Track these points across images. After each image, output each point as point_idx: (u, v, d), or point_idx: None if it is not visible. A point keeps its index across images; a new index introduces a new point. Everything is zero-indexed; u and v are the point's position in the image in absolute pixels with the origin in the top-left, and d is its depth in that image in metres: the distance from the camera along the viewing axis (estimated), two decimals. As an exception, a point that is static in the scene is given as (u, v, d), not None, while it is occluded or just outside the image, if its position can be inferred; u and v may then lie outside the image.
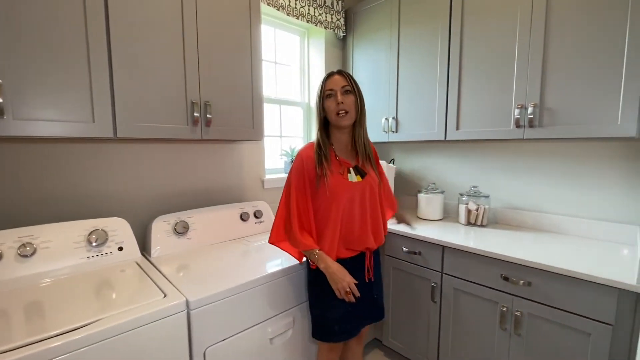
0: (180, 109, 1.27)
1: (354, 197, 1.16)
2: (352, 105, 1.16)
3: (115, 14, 1.09)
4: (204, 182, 1.69)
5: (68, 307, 0.90)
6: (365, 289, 1.23)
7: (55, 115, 1.00)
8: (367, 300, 1.24)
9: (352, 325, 1.22)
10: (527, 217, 1.72)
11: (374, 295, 1.27)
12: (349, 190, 1.15)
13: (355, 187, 1.16)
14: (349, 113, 1.15)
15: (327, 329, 1.20)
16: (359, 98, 1.18)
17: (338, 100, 1.13)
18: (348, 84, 1.15)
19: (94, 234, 1.20)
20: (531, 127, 1.43)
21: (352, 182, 1.16)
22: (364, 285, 1.22)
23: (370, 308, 1.27)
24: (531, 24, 1.40)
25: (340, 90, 1.15)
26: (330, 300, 1.17)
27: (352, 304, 1.18)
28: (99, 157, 1.36)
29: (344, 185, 1.14)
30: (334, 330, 1.19)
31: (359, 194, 1.17)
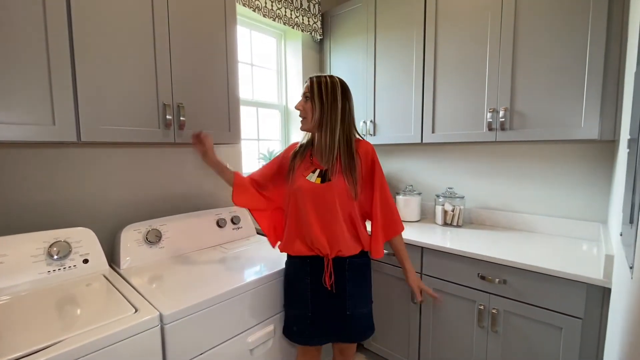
0: (152, 111, 1.21)
1: (305, 196, 1.15)
2: (309, 111, 1.16)
3: (79, 2, 1.01)
4: (178, 188, 1.61)
5: (27, 327, 0.82)
6: (331, 299, 1.17)
7: (9, 117, 0.92)
8: (335, 313, 1.17)
9: (313, 331, 1.18)
10: (500, 216, 1.78)
11: (346, 310, 1.17)
12: (301, 188, 1.16)
13: (309, 187, 1.15)
14: (305, 119, 1.17)
15: (287, 326, 1.24)
16: (317, 105, 1.13)
17: (295, 105, 1.19)
18: (308, 90, 1.16)
19: (55, 246, 1.11)
20: (502, 130, 1.48)
21: (308, 181, 1.16)
22: (328, 294, 1.17)
23: (340, 324, 1.18)
24: (501, 30, 1.46)
25: (302, 96, 1.18)
26: (290, 298, 1.23)
27: (314, 310, 1.17)
28: (61, 163, 1.26)
29: (300, 183, 1.17)
30: (292, 329, 1.21)
31: (311, 196, 1.14)
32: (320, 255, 1.17)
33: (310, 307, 1.18)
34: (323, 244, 1.15)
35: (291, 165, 1.21)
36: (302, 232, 1.18)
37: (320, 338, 1.20)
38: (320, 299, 1.18)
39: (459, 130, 1.64)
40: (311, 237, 1.16)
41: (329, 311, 1.18)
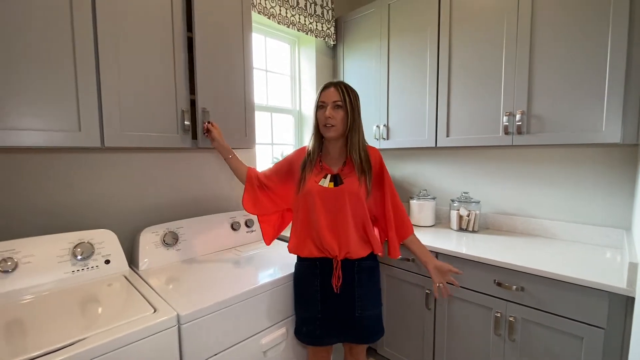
0: (171, 117, 1.25)
1: (316, 200, 1.17)
2: (340, 120, 1.17)
3: (104, 15, 1.06)
4: (194, 192, 1.65)
5: (51, 325, 0.86)
6: (340, 301, 1.19)
7: (39, 125, 0.97)
8: (344, 315, 1.19)
9: (322, 332, 1.20)
10: (517, 222, 1.75)
11: (355, 312, 1.19)
12: (313, 193, 1.18)
13: (322, 191, 1.18)
14: (335, 127, 1.17)
15: (297, 325, 1.25)
16: (349, 113, 1.17)
17: (326, 114, 1.16)
18: (340, 99, 1.16)
19: (79, 247, 1.16)
20: (519, 134, 1.46)
21: (321, 186, 1.19)
22: (337, 295, 1.19)
23: (349, 325, 1.20)
24: (517, 32, 1.44)
25: (332, 104, 1.16)
26: (302, 298, 1.23)
27: (324, 311, 1.19)
28: (85, 167, 1.32)
29: (313, 188, 1.18)
30: (302, 330, 1.23)
31: (322, 199, 1.17)
32: (329, 257, 1.19)
33: (320, 308, 1.20)
34: (332, 246, 1.17)
35: (302, 175, 1.22)
36: (312, 234, 1.20)
37: (329, 339, 1.21)
38: (329, 300, 1.19)
39: (474, 134, 1.62)
40: (321, 238, 1.17)
41: (338, 313, 1.19)
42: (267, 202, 1.32)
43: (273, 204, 1.32)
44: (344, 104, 1.17)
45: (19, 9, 0.92)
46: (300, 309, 1.24)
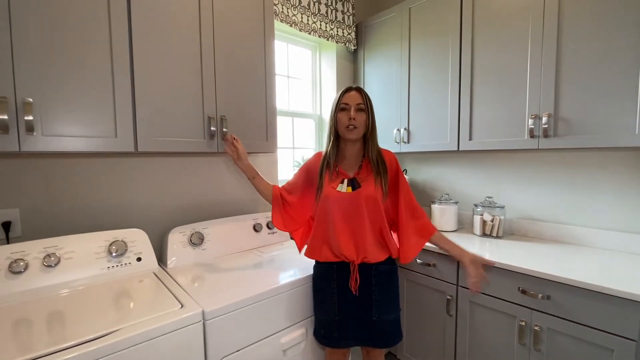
0: (198, 123, 1.32)
1: (334, 206, 1.19)
2: (363, 122, 1.20)
3: (139, 32, 1.15)
4: (218, 194, 1.72)
5: (88, 316, 0.93)
6: (357, 304, 1.21)
7: (81, 131, 1.06)
8: (362, 318, 1.21)
9: (339, 334, 1.21)
10: (545, 228, 1.68)
11: (372, 316, 1.20)
12: (331, 199, 1.19)
13: (340, 197, 1.19)
14: (358, 129, 1.19)
15: (316, 327, 1.28)
16: (370, 117, 1.22)
17: (351, 115, 1.18)
18: (363, 102, 1.20)
19: (114, 244, 1.24)
20: (546, 137, 1.41)
21: (339, 192, 1.20)
22: (354, 299, 1.20)
23: (367, 328, 1.21)
24: (543, 33, 1.40)
25: (355, 106, 1.19)
26: (320, 301, 1.25)
27: (341, 314, 1.21)
28: (120, 171, 1.41)
29: (330, 195, 1.20)
30: (320, 332, 1.25)
31: (340, 205, 1.19)
32: (346, 261, 1.21)
33: (337, 311, 1.21)
34: (350, 251, 1.19)
35: (320, 182, 1.24)
36: (328, 239, 1.22)
37: (346, 341, 1.22)
38: (346, 304, 1.21)
39: (497, 137, 1.58)
40: (338, 243, 1.19)
41: (356, 316, 1.21)
42: (295, 217, 1.32)
43: (300, 217, 1.33)
44: (366, 108, 1.20)
45: (66, 32, 1.02)
46: (319, 311, 1.26)
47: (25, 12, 0.95)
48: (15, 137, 0.95)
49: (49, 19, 0.99)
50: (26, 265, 1.07)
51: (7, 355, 0.75)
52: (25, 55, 0.96)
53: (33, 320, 0.91)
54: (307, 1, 1.91)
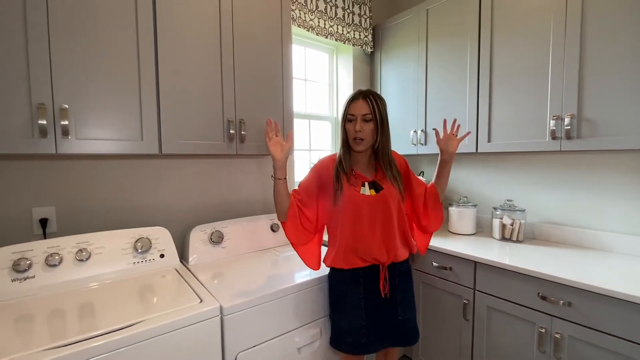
0: (218, 127, 1.37)
1: (362, 209, 1.18)
2: (370, 133, 1.18)
3: (163, 44, 1.22)
4: (238, 195, 1.78)
5: (115, 308, 1.00)
6: (383, 306, 1.21)
7: (110, 135, 1.13)
8: (388, 320, 1.21)
9: (367, 340, 1.18)
10: (568, 232, 1.63)
11: (398, 316, 1.21)
12: (358, 202, 1.18)
13: (366, 200, 1.19)
14: (365, 140, 1.18)
15: (340, 337, 1.22)
16: (379, 125, 1.18)
17: (356, 128, 1.16)
18: (370, 111, 1.16)
19: (139, 241, 1.32)
20: (568, 138, 1.37)
21: (363, 194, 1.19)
22: (380, 301, 1.21)
23: (392, 329, 1.22)
24: (565, 31, 1.37)
25: (361, 117, 1.17)
26: (344, 309, 1.21)
27: (368, 319, 1.19)
28: (145, 172, 1.49)
29: (354, 198, 1.18)
30: (347, 340, 1.20)
31: (369, 207, 1.18)
32: (375, 264, 1.21)
33: (364, 316, 1.19)
34: (382, 253, 1.19)
35: (338, 185, 1.20)
36: (356, 245, 1.19)
37: (374, 346, 1.21)
38: (373, 307, 1.20)
39: (517, 139, 1.55)
40: (369, 247, 1.19)
41: (382, 318, 1.21)
42: (309, 228, 1.24)
43: (311, 226, 1.25)
44: (373, 117, 1.16)
45: (98, 47, 1.10)
46: (342, 319, 1.21)
47: (62, 30, 1.04)
48: (52, 141, 1.03)
49: (84, 36, 1.07)
50: (61, 259, 1.16)
51: (43, 341, 0.82)
52: (62, 66, 1.04)
53: (66, 310, 0.98)
54: (324, 6, 1.94)
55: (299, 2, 1.82)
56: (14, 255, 1.10)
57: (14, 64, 0.97)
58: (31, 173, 1.25)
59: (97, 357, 0.82)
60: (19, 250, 1.11)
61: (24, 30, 0.98)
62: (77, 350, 0.80)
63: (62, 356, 0.78)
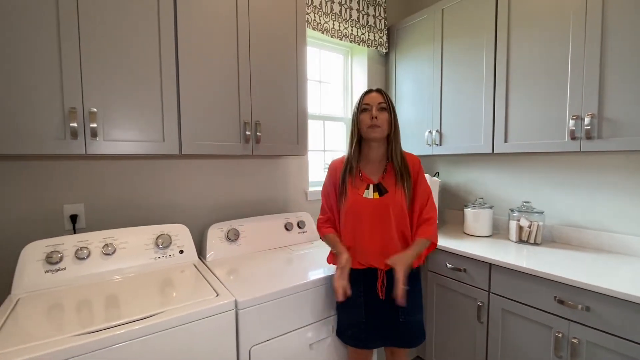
0: (234, 128, 1.42)
1: (363, 214, 1.19)
2: (385, 121, 1.21)
3: (184, 51, 1.28)
4: (253, 194, 1.83)
5: (137, 299, 1.06)
6: (383, 307, 1.22)
7: (134, 137, 1.20)
8: (388, 320, 1.22)
9: (367, 336, 1.22)
10: (590, 236, 1.58)
11: (398, 318, 1.22)
12: (360, 207, 1.19)
13: (368, 203, 1.20)
14: (381, 127, 1.20)
15: (341, 328, 1.28)
16: (393, 116, 1.23)
17: (373, 114, 1.19)
18: (384, 101, 1.22)
19: (160, 237, 1.38)
20: (588, 139, 1.33)
21: (366, 198, 1.20)
22: (380, 303, 1.22)
23: (393, 330, 1.23)
24: (586, 28, 1.33)
25: (376, 106, 1.21)
26: (346, 304, 1.24)
27: (368, 316, 1.21)
28: (165, 171, 1.56)
29: (357, 201, 1.20)
30: (347, 333, 1.25)
31: (371, 212, 1.19)
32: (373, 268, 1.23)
33: (364, 313, 1.22)
34: (378, 260, 1.20)
35: (343, 187, 1.23)
36: (357, 249, 1.23)
37: (373, 342, 1.24)
38: (373, 306, 1.22)
39: (535, 139, 1.52)
40: (366, 253, 1.21)
41: (383, 318, 1.22)
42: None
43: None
44: (387, 107, 1.22)
45: (124, 55, 1.17)
46: (344, 313, 1.27)
47: (90, 40, 1.11)
48: (82, 142, 1.10)
49: (111, 45, 1.14)
50: (89, 253, 1.24)
51: (72, 328, 0.88)
52: (91, 73, 1.11)
53: (93, 301, 1.05)
54: (338, 8, 1.97)
55: (314, 5, 1.86)
56: (47, 249, 1.18)
57: (50, 74, 1.05)
58: (62, 172, 1.34)
59: (121, 344, 0.88)
60: (52, 244, 1.20)
61: (58, 44, 1.06)
62: (103, 337, 0.86)
63: (90, 342, 0.84)
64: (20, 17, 1.00)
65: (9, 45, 0.99)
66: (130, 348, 0.89)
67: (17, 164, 1.26)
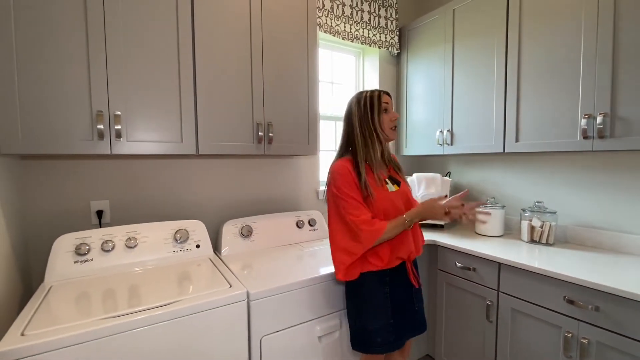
0: (248, 129, 1.49)
1: (396, 205, 1.21)
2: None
3: (201, 56, 1.35)
4: (266, 192, 1.89)
5: (157, 289, 1.13)
6: (404, 300, 1.24)
7: (155, 137, 1.28)
8: (408, 312, 1.25)
9: (395, 336, 1.20)
10: (605, 237, 1.55)
11: (415, 307, 1.27)
12: (390, 200, 1.20)
13: (395, 196, 1.22)
14: (396, 127, 1.26)
15: (368, 340, 1.19)
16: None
17: (392, 116, 1.23)
18: (392, 103, 1.28)
19: (178, 232, 1.46)
20: (601, 138, 1.32)
21: (392, 192, 1.23)
22: (407, 295, 1.25)
23: (412, 320, 1.26)
24: (597, 27, 1.32)
25: (391, 107, 1.25)
26: (371, 310, 1.19)
27: (394, 314, 1.21)
28: (183, 170, 1.65)
29: (387, 197, 1.20)
30: (376, 341, 1.18)
31: (399, 202, 1.23)
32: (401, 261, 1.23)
33: (391, 314, 1.20)
34: (411, 248, 1.23)
35: (367, 192, 1.16)
36: (396, 245, 1.19)
37: (401, 341, 1.23)
38: (397, 304, 1.22)
39: (547, 139, 1.51)
40: (406, 244, 1.21)
41: (404, 312, 1.25)
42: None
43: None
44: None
45: (147, 63, 1.25)
46: (371, 320, 1.19)
47: (115, 48, 1.20)
48: (108, 143, 1.19)
49: (135, 53, 1.23)
50: (113, 246, 1.33)
51: (99, 312, 0.96)
52: (116, 79, 1.20)
53: (116, 289, 1.14)
54: (349, 11, 2.00)
55: (325, 8, 1.90)
56: (77, 241, 1.28)
57: (80, 81, 1.14)
58: (89, 171, 1.44)
59: (141, 328, 0.95)
60: (81, 237, 1.30)
61: (87, 55, 1.15)
62: (125, 322, 0.93)
63: (114, 325, 0.91)
64: (54, 30, 1.10)
65: (45, 58, 1.09)
66: (150, 332, 0.96)
67: (50, 163, 1.37)
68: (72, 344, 0.86)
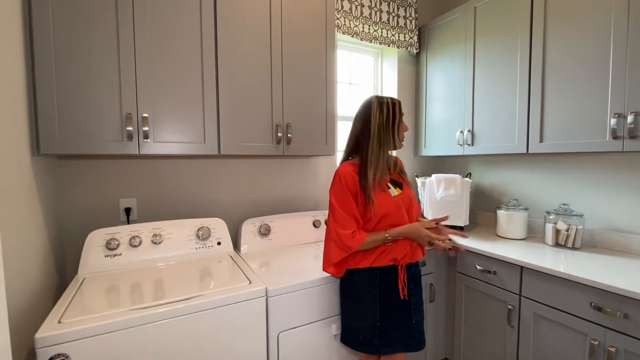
0: (267, 130, 1.53)
1: (399, 209, 1.21)
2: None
3: (223, 60, 1.40)
4: (284, 192, 1.93)
5: (180, 284, 1.18)
6: (399, 309, 1.20)
7: (179, 138, 1.34)
8: (405, 323, 1.20)
9: (380, 340, 1.18)
10: (634, 241, 1.48)
11: (412, 320, 1.21)
12: (392, 204, 1.20)
13: (397, 200, 1.23)
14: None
15: (352, 335, 1.22)
16: None
17: (405, 126, 1.28)
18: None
19: (201, 230, 1.52)
20: (632, 138, 1.26)
21: (394, 196, 1.23)
22: (404, 305, 1.21)
23: (405, 334, 1.20)
24: (629, 21, 1.26)
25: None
26: (359, 308, 1.21)
27: (383, 320, 1.17)
28: (205, 170, 1.71)
29: (389, 201, 1.20)
30: (358, 339, 1.20)
31: (402, 206, 1.23)
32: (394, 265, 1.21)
33: (378, 318, 1.18)
34: (406, 250, 1.22)
35: (368, 199, 1.17)
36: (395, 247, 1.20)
37: (387, 348, 1.19)
38: (387, 310, 1.19)
39: (573, 139, 1.45)
40: (407, 246, 1.21)
41: (396, 321, 1.20)
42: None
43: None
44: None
45: (173, 68, 1.31)
46: (355, 319, 1.22)
47: (144, 56, 1.26)
48: (136, 144, 1.26)
49: (161, 60, 1.29)
50: (140, 241, 1.40)
51: (126, 304, 1.02)
52: (144, 83, 1.27)
53: (142, 282, 1.20)
54: (368, 12, 2.01)
55: (344, 10, 1.92)
56: (107, 236, 1.36)
57: (112, 86, 1.22)
58: (118, 170, 1.52)
59: (164, 320, 1.00)
60: (111, 232, 1.37)
61: (118, 62, 1.22)
62: (150, 313, 0.98)
63: (140, 316, 0.97)
64: (92, 45, 1.17)
65: (81, 68, 1.17)
66: (173, 324, 1.01)
67: (83, 162, 1.45)
68: (103, 332, 0.92)
